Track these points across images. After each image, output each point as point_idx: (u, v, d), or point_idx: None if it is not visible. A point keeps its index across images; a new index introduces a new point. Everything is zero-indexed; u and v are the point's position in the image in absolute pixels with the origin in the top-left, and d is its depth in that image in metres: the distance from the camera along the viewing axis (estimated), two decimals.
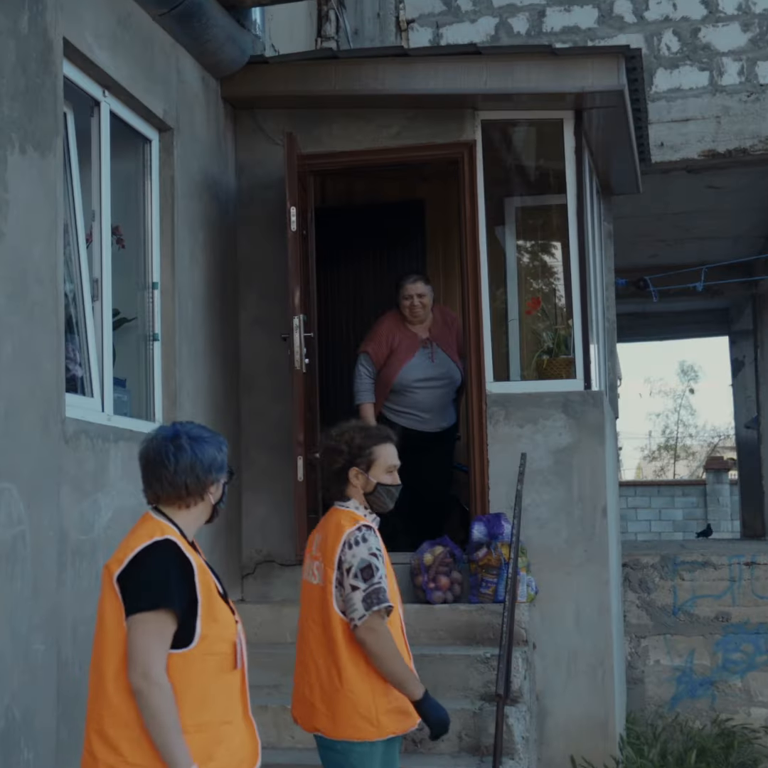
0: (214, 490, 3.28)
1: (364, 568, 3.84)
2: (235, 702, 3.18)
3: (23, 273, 4.14)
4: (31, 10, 4.25)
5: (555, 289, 7.14)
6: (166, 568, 3.08)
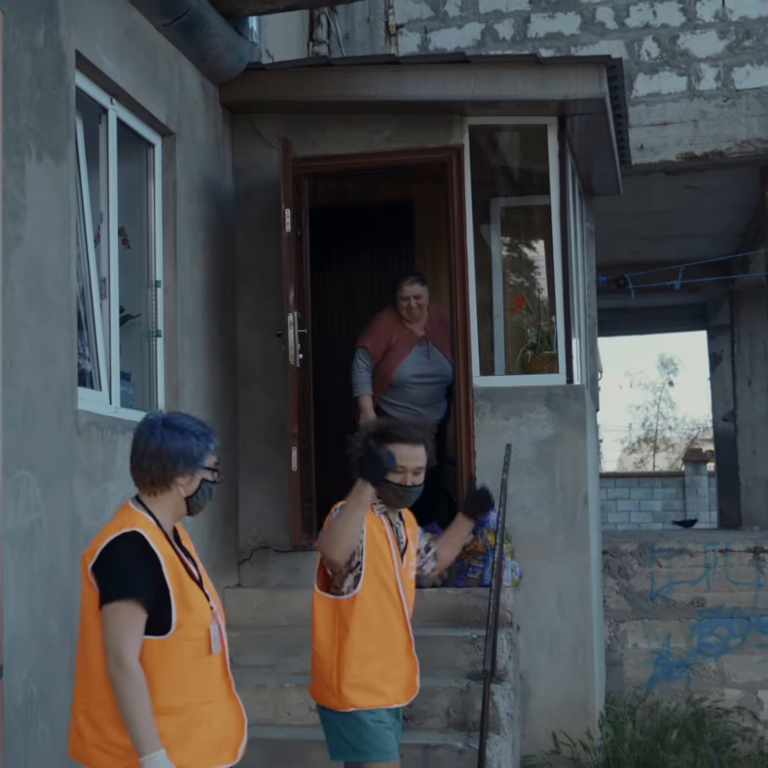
0: (183, 482, 3.32)
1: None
2: (216, 683, 3.31)
3: (40, 274, 4.38)
4: (47, 24, 4.49)
5: (538, 286, 7.42)
6: (131, 560, 3.18)
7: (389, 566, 4.12)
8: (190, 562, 3.36)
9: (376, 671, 4.07)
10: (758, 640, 7.78)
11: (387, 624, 4.11)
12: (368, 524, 4.06)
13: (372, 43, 8.52)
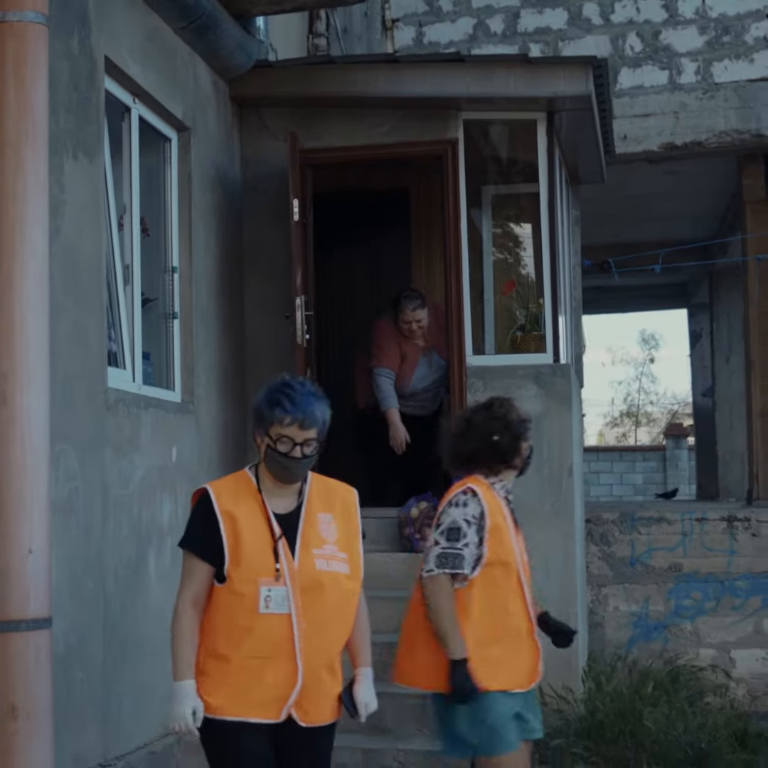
0: (258, 442, 3.52)
1: (452, 530, 4.02)
2: (275, 643, 3.42)
3: (75, 263, 4.80)
4: (80, 33, 4.89)
5: (527, 270, 7.85)
6: (193, 515, 3.56)
7: (510, 549, 4.12)
8: (292, 522, 3.48)
9: (497, 656, 4.05)
10: (731, 603, 8.26)
11: (507, 608, 4.10)
12: (489, 506, 4.08)
13: (369, 36, 8.91)
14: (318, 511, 3.53)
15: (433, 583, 4.02)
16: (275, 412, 3.45)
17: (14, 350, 4.05)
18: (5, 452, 4.03)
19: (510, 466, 4.26)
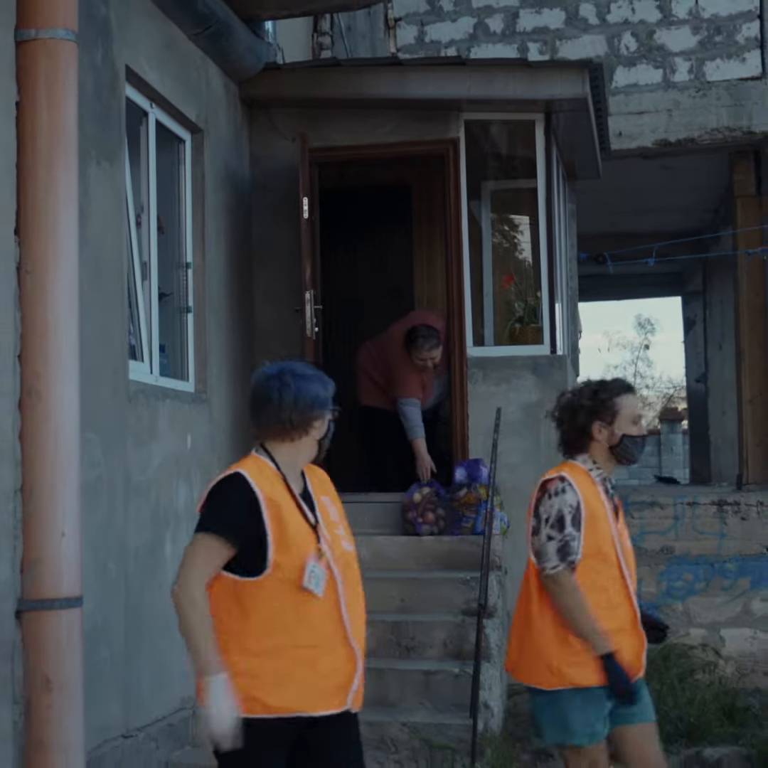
0: (318, 425, 3.42)
1: (554, 519, 3.87)
2: (325, 628, 3.31)
3: (99, 264, 5.08)
4: (103, 46, 5.16)
5: (525, 263, 8.13)
6: (226, 499, 3.31)
7: (607, 537, 3.96)
8: (308, 504, 3.40)
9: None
10: (721, 584, 8.56)
11: (609, 599, 3.93)
12: (585, 494, 3.93)
13: (372, 35, 9.16)
14: (320, 494, 3.50)
15: (558, 580, 3.86)
16: (332, 385, 3.50)
17: (48, 352, 4.36)
18: (40, 444, 4.34)
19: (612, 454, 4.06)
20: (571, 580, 3.84)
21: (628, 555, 4.04)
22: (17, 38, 4.37)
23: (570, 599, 3.84)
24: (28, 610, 4.29)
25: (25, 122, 4.36)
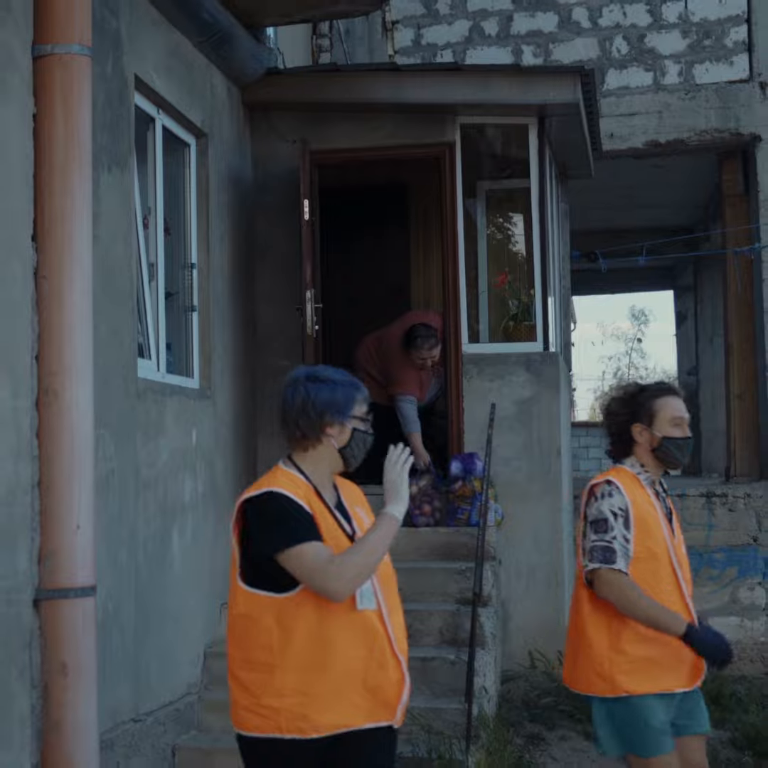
0: (334, 433, 3.26)
1: (599, 521, 3.83)
2: (371, 640, 3.20)
3: (110, 268, 5.28)
4: (114, 56, 5.36)
5: (519, 262, 8.34)
6: (279, 511, 3.17)
7: (659, 540, 3.90)
8: (343, 515, 3.32)
9: (652, 656, 3.86)
10: (709, 574, 8.82)
11: (661, 601, 3.85)
12: (631, 497, 3.89)
13: (370, 37, 9.35)
14: (353, 505, 3.41)
15: (608, 579, 3.81)
16: (359, 392, 3.33)
17: (64, 353, 4.57)
18: (56, 441, 4.55)
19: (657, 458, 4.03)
20: (622, 576, 3.78)
21: (682, 559, 4.02)
22: (34, 53, 4.57)
23: (627, 593, 3.77)
24: (45, 599, 4.51)
25: (42, 134, 4.56)
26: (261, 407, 7.48)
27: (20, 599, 4.40)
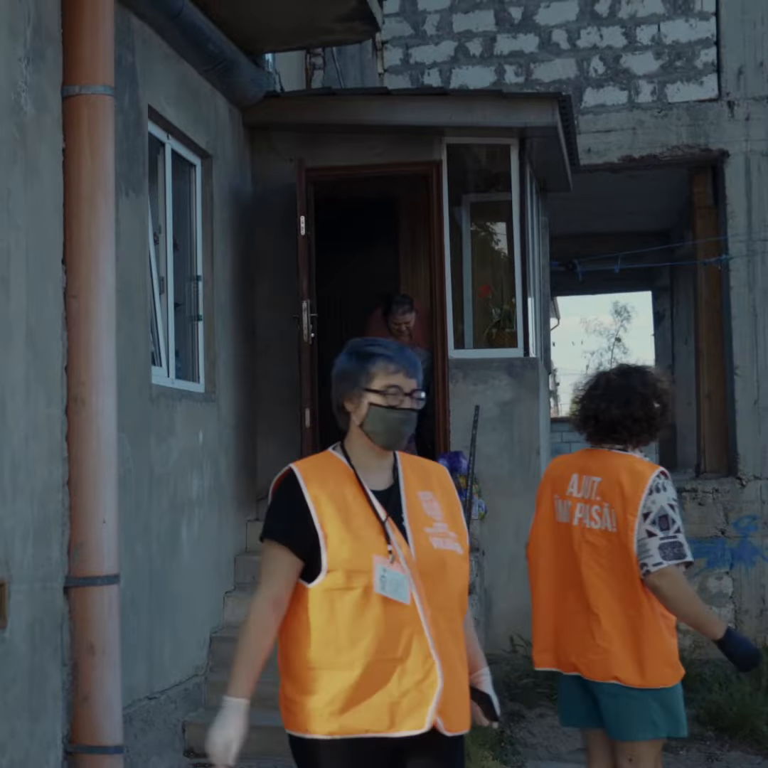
0: (352, 408, 3.04)
1: (663, 517, 3.79)
2: (405, 640, 2.94)
3: (128, 283, 5.78)
4: (130, 89, 5.85)
5: (502, 271, 8.86)
6: (277, 501, 3.04)
7: None
8: (391, 501, 3.04)
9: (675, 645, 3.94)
10: None
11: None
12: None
13: (361, 56, 9.84)
14: (417, 489, 3.10)
15: (664, 575, 3.77)
16: (377, 361, 3.02)
17: (90, 364, 5.07)
18: (84, 444, 5.06)
19: (653, 436, 4.06)
20: (680, 575, 3.79)
21: None
22: (63, 94, 5.06)
23: (680, 592, 3.78)
24: (74, 586, 5.01)
25: (71, 167, 5.06)
26: (259, 408, 7.98)
27: (53, 586, 4.91)
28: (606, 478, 3.94)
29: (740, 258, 9.29)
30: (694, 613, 3.80)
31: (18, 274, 4.64)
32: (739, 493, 9.28)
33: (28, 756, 4.65)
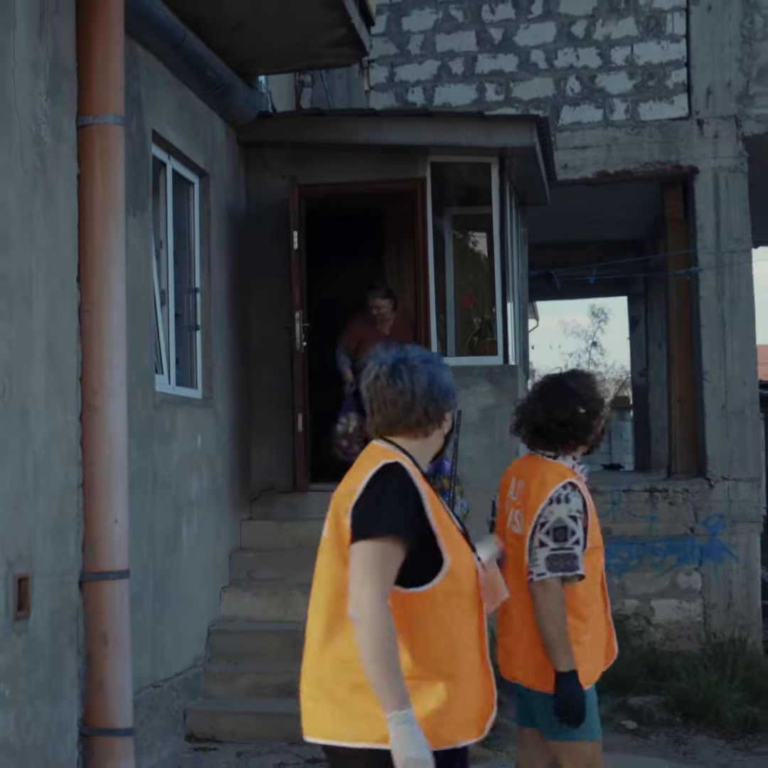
0: (449, 417, 3.06)
1: (560, 528, 3.75)
2: (478, 648, 2.91)
3: (134, 297, 6.15)
4: (136, 115, 6.25)
5: (483, 282, 9.28)
6: (393, 492, 2.83)
7: (599, 532, 4.00)
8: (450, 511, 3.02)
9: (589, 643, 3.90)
10: (651, 561, 9.82)
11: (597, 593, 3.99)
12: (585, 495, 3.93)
13: (348, 74, 10.24)
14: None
15: (544, 587, 3.79)
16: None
17: (103, 374, 5.47)
18: (98, 449, 5.45)
19: (582, 443, 4.02)
20: (559, 591, 3.81)
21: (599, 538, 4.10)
22: (78, 123, 5.45)
23: (550, 608, 3.79)
24: (88, 580, 5.40)
25: (85, 192, 5.46)
26: (253, 414, 8.38)
27: (70, 580, 5.30)
28: (525, 483, 3.97)
29: (709, 269, 9.75)
30: (553, 634, 3.75)
31: (39, 292, 5.04)
32: (707, 493, 9.73)
33: (48, 736, 5.04)
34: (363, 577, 2.75)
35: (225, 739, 6.71)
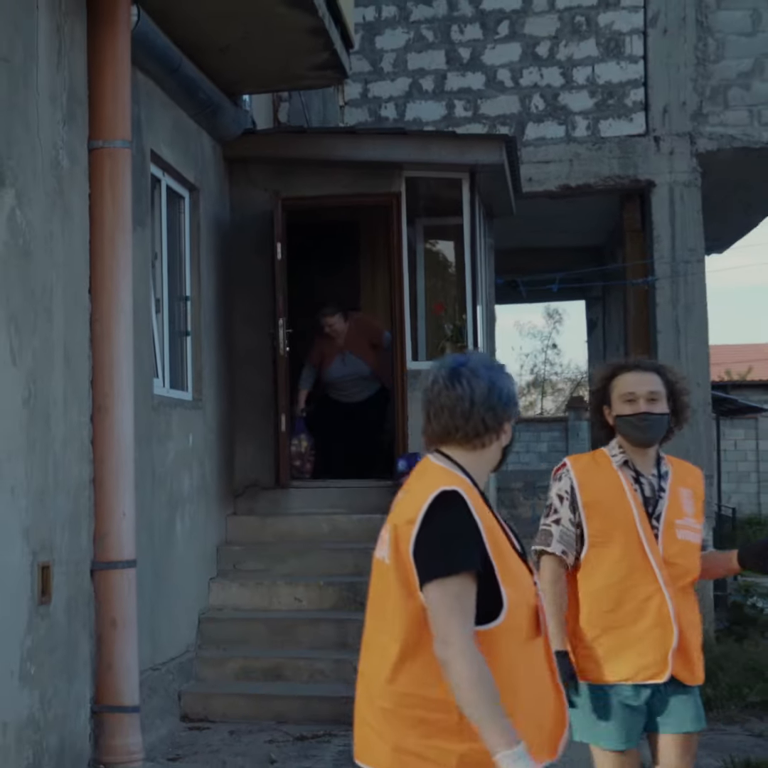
0: (508, 428, 2.85)
1: (547, 506, 3.82)
2: (543, 672, 2.79)
3: (137, 307, 6.60)
4: (137, 135, 6.69)
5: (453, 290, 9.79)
6: (457, 526, 2.68)
7: (619, 522, 3.71)
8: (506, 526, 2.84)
9: (605, 645, 3.68)
10: None
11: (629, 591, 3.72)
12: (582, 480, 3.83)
13: (324, 90, 10.71)
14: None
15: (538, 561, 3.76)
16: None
17: (112, 378, 5.93)
18: (108, 448, 5.91)
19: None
20: (547, 566, 3.75)
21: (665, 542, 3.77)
22: (89, 147, 5.91)
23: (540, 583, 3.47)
24: (99, 569, 5.87)
25: (95, 210, 5.92)
26: (237, 414, 8.84)
27: (83, 569, 5.76)
28: None
29: (665, 278, 10.32)
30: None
31: (58, 304, 5.49)
32: None
33: (66, 712, 5.50)
34: (447, 615, 2.60)
35: (217, 719, 7.18)
